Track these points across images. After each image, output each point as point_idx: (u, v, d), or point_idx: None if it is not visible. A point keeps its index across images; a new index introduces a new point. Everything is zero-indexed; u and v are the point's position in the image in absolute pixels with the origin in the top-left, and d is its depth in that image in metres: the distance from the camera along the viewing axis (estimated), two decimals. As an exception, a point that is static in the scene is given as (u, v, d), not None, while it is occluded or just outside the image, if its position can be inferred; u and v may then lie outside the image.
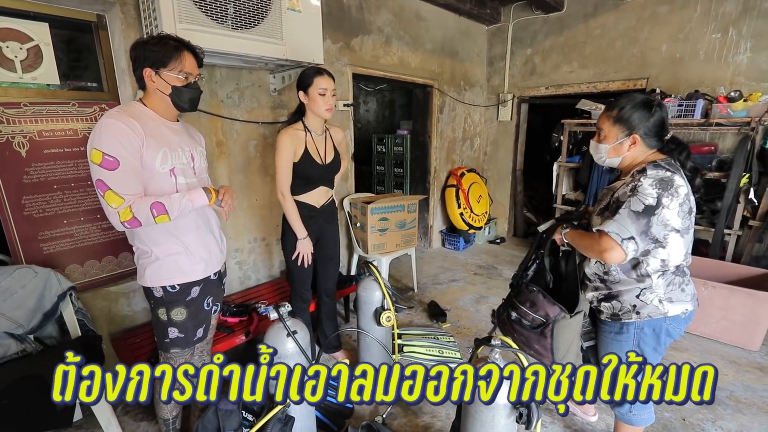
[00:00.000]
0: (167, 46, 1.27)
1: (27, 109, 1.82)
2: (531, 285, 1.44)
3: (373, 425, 1.71)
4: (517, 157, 4.74)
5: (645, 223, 1.20)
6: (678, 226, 1.25)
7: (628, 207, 1.22)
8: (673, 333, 1.38)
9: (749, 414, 1.96)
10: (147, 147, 1.24)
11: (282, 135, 1.84)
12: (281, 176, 1.86)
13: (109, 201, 1.18)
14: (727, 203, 2.84)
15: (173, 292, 1.38)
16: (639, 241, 1.21)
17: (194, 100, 1.37)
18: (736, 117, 2.80)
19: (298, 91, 1.88)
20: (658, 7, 3.38)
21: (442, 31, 3.94)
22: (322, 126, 1.97)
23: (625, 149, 1.34)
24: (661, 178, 1.22)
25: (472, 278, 3.69)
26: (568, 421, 1.93)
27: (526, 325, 1.41)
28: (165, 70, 1.27)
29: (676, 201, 1.22)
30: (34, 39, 1.86)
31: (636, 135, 1.31)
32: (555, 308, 1.36)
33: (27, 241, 1.87)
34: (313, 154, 1.91)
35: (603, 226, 1.25)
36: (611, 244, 1.22)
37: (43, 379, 1.41)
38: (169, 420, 1.55)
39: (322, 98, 1.83)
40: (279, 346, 1.49)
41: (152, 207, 1.21)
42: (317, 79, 1.82)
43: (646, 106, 1.30)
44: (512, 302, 1.49)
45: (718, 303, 2.55)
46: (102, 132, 1.18)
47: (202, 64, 1.40)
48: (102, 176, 1.17)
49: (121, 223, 1.20)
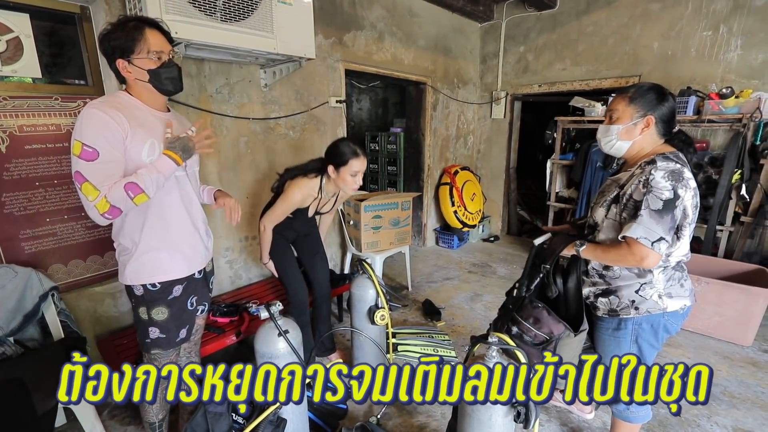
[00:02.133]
0: (127, 29, 1.19)
1: (6, 103, 1.76)
2: (536, 301, 1.38)
3: (367, 426, 1.68)
4: (511, 155, 4.74)
5: (669, 219, 1.17)
6: (690, 219, 1.23)
7: (647, 207, 1.18)
8: (670, 329, 1.37)
9: (743, 409, 1.96)
10: (133, 137, 1.18)
11: (297, 188, 1.80)
12: (275, 216, 1.86)
13: (86, 193, 1.12)
14: (719, 200, 2.85)
15: (154, 291, 1.32)
16: (669, 239, 1.18)
17: (175, 80, 1.28)
18: (728, 114, 2.81)
19: (327, 165, 1.81)
20: (650, 4, 3.39)
21: (435, 27, 3.91)
22: (335, 191, 1.97)
23: (638, 132, 1.30)
24: (672, 170, 1.19)
25: (466, 276, 3.68)
26: (564, 419, 1.91)
27: (527, 341, 1.36)
28: (134, 57, 1.20)
29: (689, 193, 1.20)
30: (14, 30, 1.80)
31: (651, 117, 1.27)
32: (560, 326, 1.31)
33: (7, 240, 1.80)
34: (311, 208, 1.96)
35: (628, 231, 1.20)
36: (644, 251, 1.18)
37: (22, 383, 1.36)
38: (155, 423, 1.49)
39: (353, 179, 1.79)
40: (270, 346, 1.45)
41: (126, 189, 1.14)
42: (353, 161, 1.75)
43: (660, 92, 1.29)
44: (513, 317, 1.43)
45: (711, 299, 2.55)
46: (83, 122, 1.13)
47: (172, 40, 1.32)
48: (80, 167, 1.12)
49: (101, 215, 1.14)
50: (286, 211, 1.87)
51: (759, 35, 2.95)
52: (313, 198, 1.89)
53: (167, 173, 1.22)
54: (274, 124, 2.71)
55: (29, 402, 1.32)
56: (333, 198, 2.03)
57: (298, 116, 2.85)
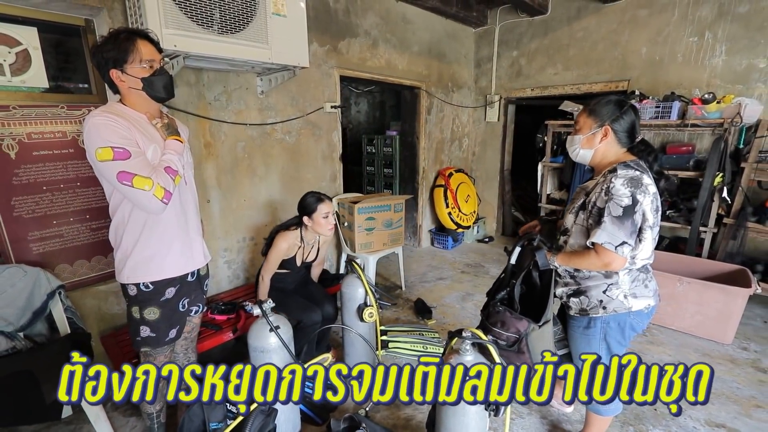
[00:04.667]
0: (118, 40, 1.25)
1: (16, 112, 1.86)
2: (497, 305, 1.47)
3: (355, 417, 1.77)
4: (505, 157, 4.83)
5: (630, 223, 1.26)
6: (650, 222, 1.32)
7: (609, 214, 1.27)
8: (636, 327, 1.45)
9: (717, 404, 2.05)
10: (138, 140, 1.27)
11: (281, 240, 2.07)
12: (269, 267, 2.10)
13: (141, 186, 1.20)
14: (702, 202, 2.93)
15: (147, 291, 1.39)
16: (631, 242, 1.27)
17: (168, 87, 1.34)
18: (710, 118, 2.89)
19: (301, 216, 2.10)
20: (638, 10, 3.48)
21: (429, 33, 4.00)
22: (316, 237, 2.23)
23: (597, 141, 1.40)
24: (631, 177, 1.29)
25: (459, 276, 3.77)
26: (544, 412, 2.00)
27: (503, 346, 1.43)
28: (128, 66, 1.26)
29: (648, 198, 1.29)
30: (22, 43, 1.91)
31: (607, 126, 1.38)
32: (523, 322, 1.39)
33: (17, 241, 1.91)
34: (298, 258, 2.20)
35: (594, 237, 1.30)
36: (610, 256, 1.28)
37: (33, 375, 1.46)
38: (153, 414, 1.60)
39: (325, 220, 2.06)
40: (262, 341, 1.55)
41: (167, 172, 1.26)
42: (320, 206, 2.05)
43: (618, 104, 1.39)
44: (485, 325, 1.52)
45: (693, 298, 2.64)
46: (98, 131, 1.19)
47: (161, 49, 1.38)
48: (122, 167, 1.19)
49: (161, 201, 1.24)
50: (277, 260, 2.10)
51: (742, 41, 3.03)
52: (297, 247, 2.15)
53: (180, 150, 1.35)
54: (270, 130, 2.82)
55: (39, 393, 1.42)
56: (315, 245, 2.27)
57: (293, 121, 2.95)
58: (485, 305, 1.62)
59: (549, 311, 1.43)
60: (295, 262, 2.19)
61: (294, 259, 2.17)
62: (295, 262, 2.19)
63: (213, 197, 2.58)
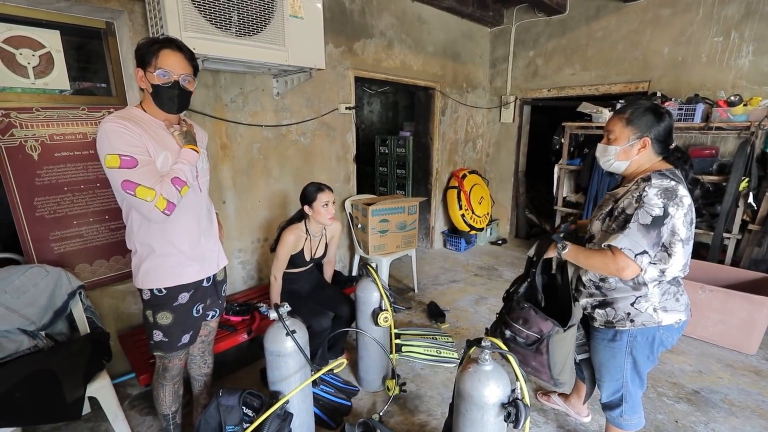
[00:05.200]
0: (151, 43, 1.28)
1: (39, 114, 1.89)
2: (522, 302, 1.43)
3: (369, 423, 1.76)
4: (520, 159, 4.76)
5: (656, 234, 1.21)
6: (683, 236, 1.25)
7: (636, 221, 1.22)
8: (666, 342, 1.40)
9: (742, 417, 1.98)
10: (149, 147, 1.27)
11: (288, 233, 2.11)
12: (278, 264, 2.13)
13: (143, 196, 1.20)
14: (726, 207, 2.85)
15: (160, 296, 1.40)
16: (652, 254, 1.22)
17: (172, 101, 1.31)
18: (736, 121, 2.80)
19: (303, 206, 2.14)
20: (661, 9, 3.39)
21: (444, 33, 3.97)
22: (320, 229, 2.24)
23: (635, 153, 1.34)
24: (665, 188, 1.22)
25: (472, 279, 3.73)
26: (561, 422, 1.96)
27: (520, 343, 1.40)
28: (149, 69, 1.28)
29: (681, 210, 1.22)
30: (45, 46, 1.94)
31: (647, 138, 1.32)
32: (548, 323, 1.35)
33: (39, 241, 1.94)
34: (306, 251, 2.21)
35: (614, 241, 1.24)
36: (626, 262, 1.22)
37: (54, 374, 1.48)
38: (168, 415, 1.61)
39: (325, 209, 2.09)
40: (278, 345, 1.55)
41: (174, 184, 1.25)
42: (319, 195, 2.08)
43: (656, 112, 1.32)
44: (505, 320, 1.48)
45: (716, 306, 2.56)
46: (109, 137, 1.20)
47: (196, 66, 1.37)
48: (127, 176, 1.19)
49: (162, 213, 1.23)
50: (286, 255, 2.13)
51: (771, 42, 2.93)
52: (303, 239, 2.17)
53: (194, 161, 1.34)
54: (285, 131, 2.82)
55: (60, 391, 1.44)
56: (321, 238, 2.28)
57: (308, 123, 2.95)
58: (507, 297, 1.58)
59: (575, 316, 1.39)
60: (303, 256, 2.20)
61: (302, 253, 2.19)
62: (304, 257, 2.21)
63: (228, 198, 2.59)
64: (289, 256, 2.14)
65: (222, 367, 2.26)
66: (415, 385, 2.21)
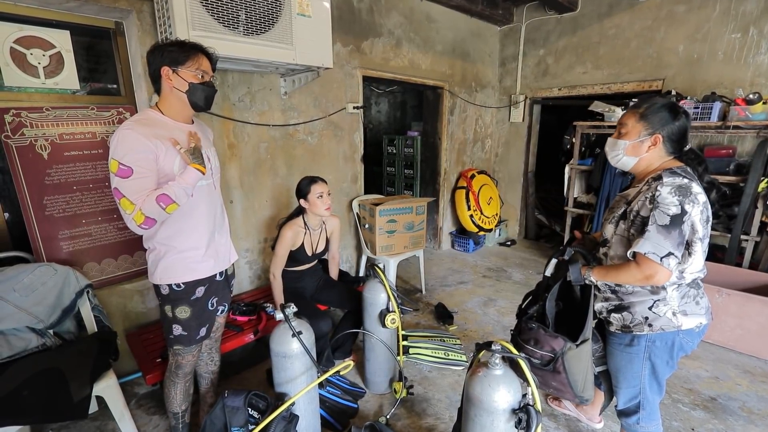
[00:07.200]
0: (185, 46, 1.35)
1: (49, 114, 1.90)
2: (529, 322, 1.38)
3: (376, 426, 1.73)
4: (529, 159, 4.70)
5: (677, 233, 1.16)
6: (700, 234, 1.21)
7: (654, 222, 1.18)
8: (686, 347, 1.34)
9: (762, 425, 1.91)
10: (166, 154, 1.30)
11: (286, 229, 2.11)
12: (278, 261, 2.12)
13: (124, 207, 1.24)
14: (744, 208, 2.76)
15: (179, 291, 1.44)
16: (678, 255, 1.17)
17: (209, 98, 1.42)
18: (755, 120, 2.72)
19: (299, 199, 2.14)
20: (675, 6, 3.31)
21: (453, 32, 3.93)
22: (319, 222, 2.23)
23: (645, 149, 1.30)
24: (678, 185, 1.18)
25: (480, 281, 3.68)
26: (573, 428, 1.92)
27: (536, 364, 1.34)
28: (182, 68, 1.33)
29: (697, 208, 1.18)
30: (56, 46, 1.95)
31: (659, 135, 1.28)
32: (558, 341, 1.29)
33: (48, 239, 1.96)
34: (307, 246, 2.19)
35: (636, 247, 1.19)
36: (654, 268, 1.17)
37: (61, 372, 1.48)
38: (178, 413, 1.61)
39: (320, 200, 2.08)
40: (284, 346, 1.53)
41: (158, 201, 1.25)
42: (313, 186, 2.09)
43: (672, 110, 1.28)
44: (517, 342, 1.42)
45: (733, 311, 2.49)
46: (119, 142, 1.25)
47: (216, 68, 1.46)
48: (117, 184, 1.24)
49: (138, 226, 1.26)
50: (285, 251, 2.11)
51: (791, 38, 2.84)
52: (302, 233, 2.16)
53: (193, 183, 1.34)
54: (292, 131, 2.81)
55: (67, 389, 1.44)
56: (321, 232, 2.25)
57: (316, 122, 2.93)
58: (518, 314, 1.53)
59: (588, 330, 1.33)
60: (305, 251, 2.19)
61: (303, 249, 2.17)
62: (306, 252, 2.19)
63: (236, 198, 2.59)
64: (288, 252, 2.13)
65: (228, 367, 2.26)
66: (423, 388, 2.18)
